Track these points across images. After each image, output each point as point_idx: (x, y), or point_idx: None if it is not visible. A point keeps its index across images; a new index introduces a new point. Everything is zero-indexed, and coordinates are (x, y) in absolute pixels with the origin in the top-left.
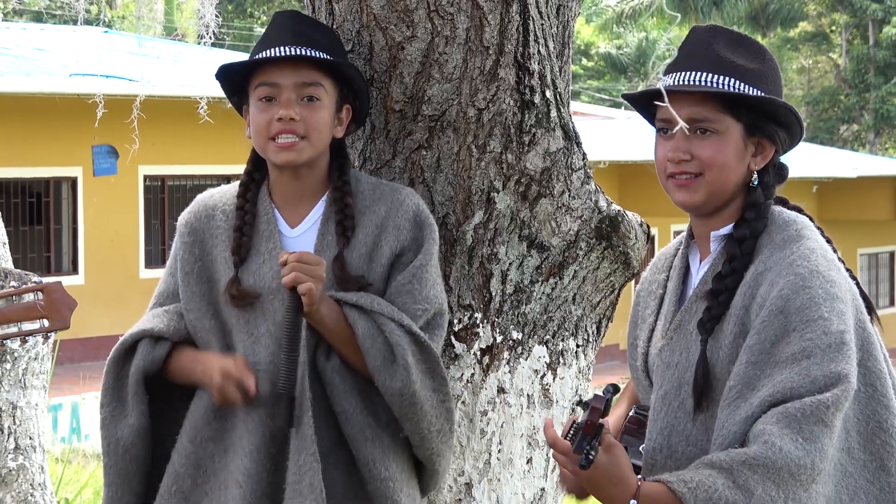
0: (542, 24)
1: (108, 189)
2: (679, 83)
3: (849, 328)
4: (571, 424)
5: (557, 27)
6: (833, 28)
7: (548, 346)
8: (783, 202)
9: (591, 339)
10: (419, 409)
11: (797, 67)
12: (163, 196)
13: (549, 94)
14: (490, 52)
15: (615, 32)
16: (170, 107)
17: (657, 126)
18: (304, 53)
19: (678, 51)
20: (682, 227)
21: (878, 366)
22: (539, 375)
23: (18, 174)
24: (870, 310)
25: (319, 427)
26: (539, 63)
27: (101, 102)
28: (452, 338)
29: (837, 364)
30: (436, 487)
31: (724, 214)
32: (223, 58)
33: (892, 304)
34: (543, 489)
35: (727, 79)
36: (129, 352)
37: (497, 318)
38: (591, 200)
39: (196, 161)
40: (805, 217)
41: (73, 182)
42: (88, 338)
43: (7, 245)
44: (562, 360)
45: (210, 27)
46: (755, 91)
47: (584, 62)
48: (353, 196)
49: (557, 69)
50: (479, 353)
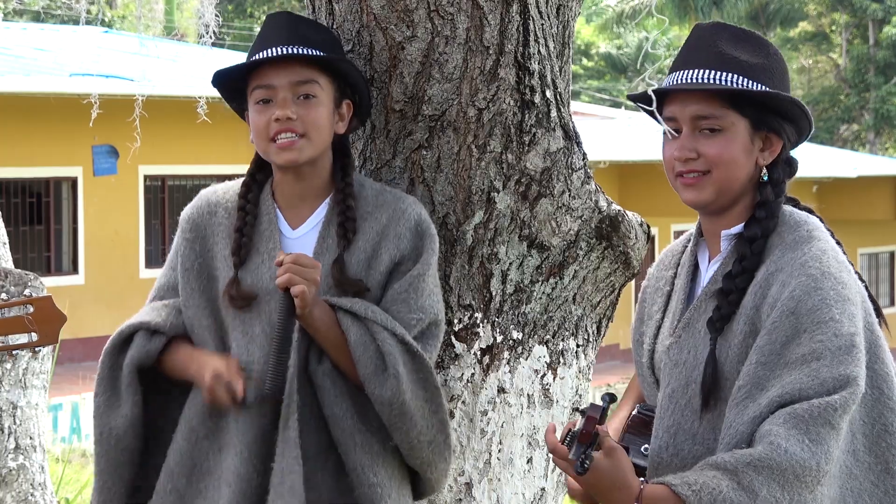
0: (543, 24)
1: (109, 189)
2: (682, 81)
3: (859, 331)
4: (568, 431)
5: (557, 27)
6: (833, 28)
7: (548, 346)
8: (794, 202)
9: (592, 339)
10: (409, 419)
11: (797, 67)
12: (163, 196)
13: (550, 94)
14: (490, 52)
15: (615, 32)
16: (170, 107)
17: (666, 125)
18: (295, 52)
19: (681, 49)
20: (683, 227)
21: (886, 369)
22: (539, 375)
23: (18, 174)
24: (878, 312)
25: (309, 430)
26: (539, 63)
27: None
28: (452, 337)
29: (847, 367)
30: (431, 494)
31: (734, 212)
32: (223, 57)
33: (893, 304)
34: (543, 489)
35: (730, 75)
36: (126, 343)
37: (497, 318)
38: (592, 200)
39: (196, 161)
40: (816, 218)
41: (74, 182)
42: (88, 338)
43: (7, 245)
44: (562, 360)
45: (210, 27)
46: (759, 86)
47: (585, 62)
48: (356, 200)
49: (558, 69)
50: (480, 353)
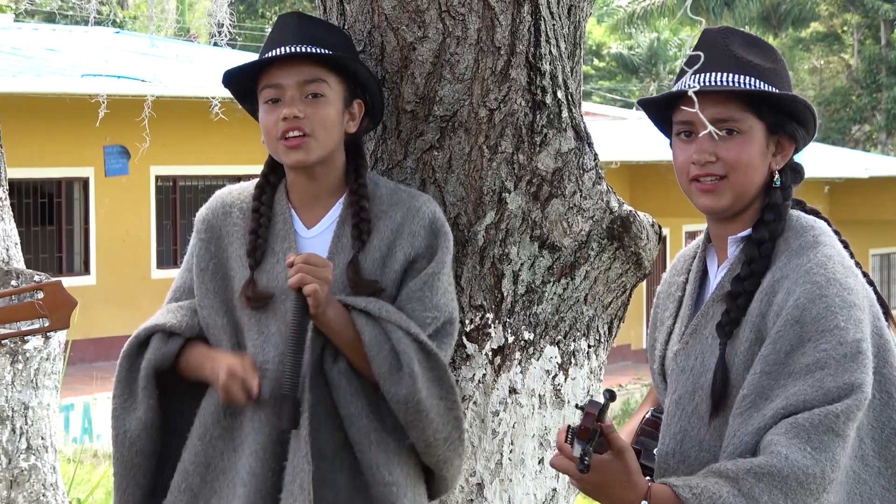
0: (554, 25)
1: (120, 189)
2: (701, 84)
3: (865, 336)
4: (568, 428)
5: (569, 27)
6: (845, 28)
7: (559, 347)
8: (800, 205)
9: (603, 340)
10: (424, 417)
11: (809, 68)
12: (174, 196)
13: (561, 95)
14: (501, 53)
15: (626, 33)
16: (182, 107)
17: (677, 129)
18: (303, 51)
19: (691, 53)
20: (695, 228)
21: (894, 373)
22: (551, 376)
23: (30, 174)
24: (887, 315)
25: (324, 430)
26: (550, 63)
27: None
28: (464, 338)
29: (852, 374)
30: (446, 492)
31: (744, 217)
32: (235, 58)
33: None
34: (555, 489)
35: (748, 78)
36: (143, 345)
37: (509, 319)
38: (603, 201)
39: (208, 161)
40: (822, 221)
41: (85, 182)
42: (100, 338)
43: (19, 245)
44: (573, 361)
45: (223, 27)
46: (774, 90)
47: (596, 62)
48: (371, 200)
49: (569, 69)
50: (491, 354)
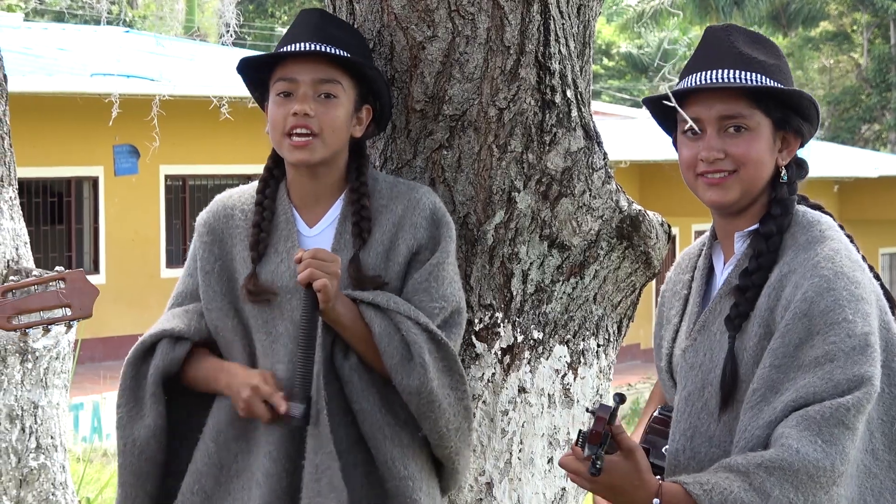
0: (563, 24)
1: (130, 189)
2: (708, 81)
3: (873, 330)
4: (579, 433)
5: (578, 27)
6: (854, 27)
7: (569, 346)
8: (804, 200)
9: (612, 339)
10: (437, 408)
11: (818, 67)
12: (184, 196)
13: (570, 94)
14: (511, 52)
15: (636, 32)
16: (191, 106)
17: (683, 127)
18: (323, 49)
19: (696, 51)
20: (704, 227)
21: None
22: (560, 375)
23: (40, 174)
24: (893, 309)
25: (337, 425)
26: (560, 63)
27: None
28: (473, 337)
29: (861, 367)
30: (456, 486)
31: (750, 213)
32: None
33: None
34: (564, 489)
35: (754, 74)
36: (148, 352)
37: (518, 318)
38: (612, 200)
39: (217, 161)
40: (828, 216)
41: (95, 182)
42: (109, 337)
43: (28, 244)
44: (583, 360)
45: (231, 27)
46: (780, 86)
47: (605, 62)
48: (371, 195)
49: (578, 69)
50: (500, 353)
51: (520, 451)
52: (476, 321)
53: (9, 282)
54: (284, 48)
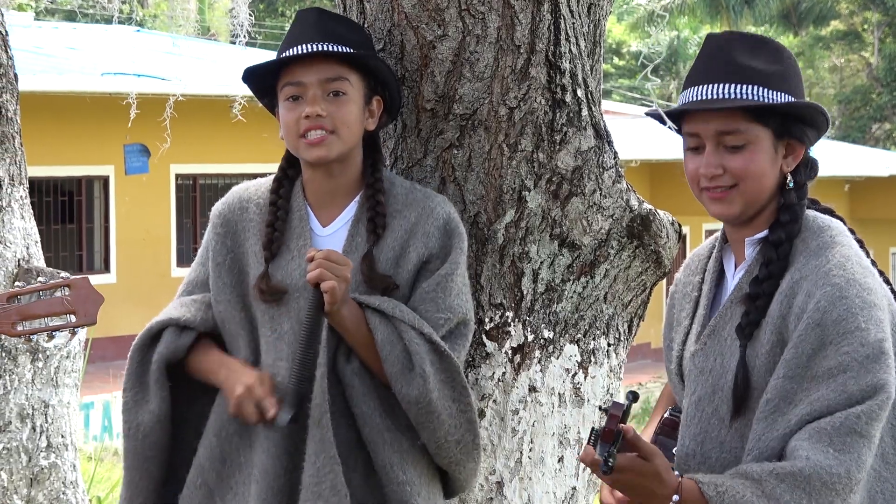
0: (574, 23)
1: (140, 188)
2: (703, 97)
3: (887, 336)
4: (592, 430)
5: (588, 26)
6: (865, 26)
7: (579, 345)
8: (814, 203)
9: (623, 338)
10: (436, 419)
11: (829, 66)
12: (194, 195)
13: (581, 93)
14: (521, 51)
15: (646, 31)
16: (202, 106)
17: (686, 142)
18: (325, 49)
19: (696, 60)
20: (714, 227)
21: None
22: (570, 374)
23: (50, 173)
24: None
25: (337, 429)
26: (570, 62)
27: (134, 103)
28: (484, 336)
29: (874, 375)
30: (461, 492)
31: (759, 220)
32: (255, 56)
33: None
34: (575, 488)
35: (750, 87)
36: (155, 339)
37: (528, 317)
38: (623, 199)
39: (228, 160)
40: (838, 220)
41: (105, 181)
42: (120, 336)
43: (39, 243)
44: (593, 359)
45: (244, 26)
46: (781, 94)
47: (616, 61)
48: (386, 197)
49: (588, 68)
50: (511, 352)
51: (530, 451)
52: (486, 320)
53: (18, 281)
54: (287, 51)
